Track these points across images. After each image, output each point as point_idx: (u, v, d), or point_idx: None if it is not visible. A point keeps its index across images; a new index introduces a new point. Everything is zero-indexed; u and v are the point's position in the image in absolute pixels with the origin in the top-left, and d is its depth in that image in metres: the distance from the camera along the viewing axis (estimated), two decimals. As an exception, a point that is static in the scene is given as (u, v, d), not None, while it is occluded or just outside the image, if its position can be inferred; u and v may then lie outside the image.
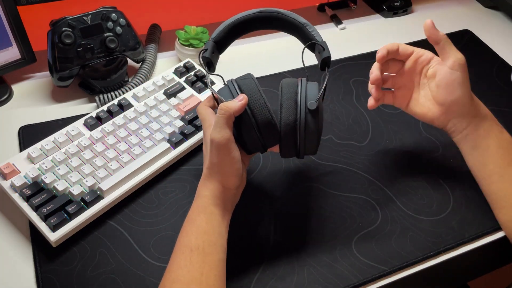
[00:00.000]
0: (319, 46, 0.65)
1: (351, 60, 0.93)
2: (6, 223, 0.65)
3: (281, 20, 0.67)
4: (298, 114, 0.59)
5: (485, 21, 1.08)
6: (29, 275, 0.60)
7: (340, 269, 0.62)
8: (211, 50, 0.64)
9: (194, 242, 0.55)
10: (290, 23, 0.67)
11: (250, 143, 0.60)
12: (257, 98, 0.58)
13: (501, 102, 0.87)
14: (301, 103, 0.59)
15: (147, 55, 0.87)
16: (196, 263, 0.54)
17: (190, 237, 0.56)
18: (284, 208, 0.68)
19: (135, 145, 0.70)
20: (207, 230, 0.56)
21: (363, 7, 1.10)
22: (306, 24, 0.67)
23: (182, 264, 0.54)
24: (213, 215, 0.57)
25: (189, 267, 0.53)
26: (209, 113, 0.61)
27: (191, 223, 0.57)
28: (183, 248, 0.55)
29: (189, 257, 0.54)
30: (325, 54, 0.64)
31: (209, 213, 0.57)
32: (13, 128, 0.77)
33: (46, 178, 0.65)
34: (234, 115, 0.57)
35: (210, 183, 0.59)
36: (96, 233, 0.64)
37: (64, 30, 0.76)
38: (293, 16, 0.67)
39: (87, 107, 0.81)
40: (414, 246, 0.65)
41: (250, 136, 0.59)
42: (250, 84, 0.60)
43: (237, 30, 0.67)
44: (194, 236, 0.56)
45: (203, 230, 0.56)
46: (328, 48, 0.64)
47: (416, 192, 0.71)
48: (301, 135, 0.59)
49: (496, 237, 0.67)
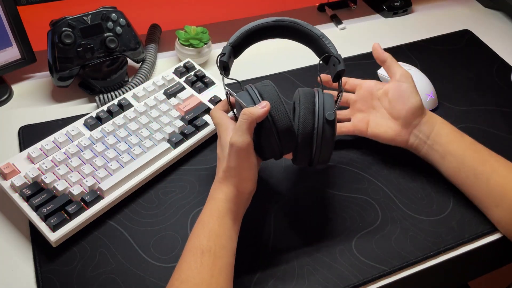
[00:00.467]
0: (335, 58, 0.67)
1: (351, 60, 0.93)
2: (6, 223, 0.65)
3: (298, 30, 0.69)
4: (316, 124, 0.60)
5: (485, 21, 1.08)
6: (29, 275, 0.61)
7: (340, 269, 0.62)
8: (228, 55, 0.66)
9: (206, 244, 0.55)
10: (306, 34, 0.69)
11: (268, 149, 0.60)
12: (279, 106, 0.59)
13: (501, 102, 0.87)
14: (319, 113, 0.60)
15: (147, 55, 0.87)
16: (206, 265, 0.54)
17: (201, 239, 0.56)
18: (284, 208, 0.68)
19: (135, 145, 0.70)
20: (219, 233, 0.56)
21: (363, 7, 1.10)
22: (322, 36, 0.68)
23: (192, 265, 0.54)
24: (226, 219, 0.57)
25: (199, 268, 0.53)
26: (225, 117, 0.62)
27: (204, 226, 0.57)
28: (194, 250, 0.55)
29: (200, 259, 0.54)
30: (340, 67, 0.65)
31: (222, 216, 0.57)
32: (13, 128, 0.77)
33: (46, 178, 0.65)
34: (256, 121, 0.58)
35: (225, 187, 0.59)
36: (96, 233, 0.64)
37: (64, 30, 0.76)
38: (309, 28, 0.69)
39: (87, 107, 0.81)
40: (414, 246, 0.65)
41: (269, 143, 0.59)
42: (271, 92, 0.60)
43: (253, 36, 0.69)
44: (206, 239, 0.55)
45: (215, 233, 0.56)
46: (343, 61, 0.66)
47: (416, 192, 0.71)
48: (318, 144, 0.60)
49: (496, 237, 0.67)
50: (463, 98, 0.87)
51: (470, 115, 0.84)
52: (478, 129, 0.81)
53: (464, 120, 0.82)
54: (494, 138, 0.80)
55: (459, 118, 0.83)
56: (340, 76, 0.66)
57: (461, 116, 0.83)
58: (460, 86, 0.89)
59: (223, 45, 0.90)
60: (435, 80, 0.87)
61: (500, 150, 0.68)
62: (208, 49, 0.89)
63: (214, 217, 0.57)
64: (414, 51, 0.96)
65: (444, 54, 0.96)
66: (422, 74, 0.86)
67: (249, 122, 0.57)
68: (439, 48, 0.98)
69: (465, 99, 0.87)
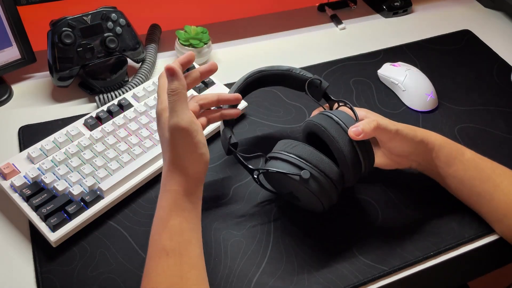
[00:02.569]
0: (315, 80, 0.68)
1: (351, 60, 0.93)
2: (6, 223, 0.65)
3: (267, 76, 0.71)
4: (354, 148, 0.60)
5: (485, 21, 1.08)
6: (29, 275, 0.60)
7: (340, 269, 0.62)
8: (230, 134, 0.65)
9: (169, 245, 0.53)
10: (275, 75, 0.71)
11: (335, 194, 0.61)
12: (324, 160, 0.60)
13: (501, 102, 0.87)
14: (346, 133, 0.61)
15: (147, 55, 0.87)
16: (174, 266, 0.52)
17: (163, 239, 0.53)
18: (284, 208, 0.68)
19: (135, 145, 0.70)
20: (181, 229, 0.54)
21: (363, 7, 1.10)
22: (290, 69, 0.70)
23: (159, 270, 0.52)
24: (186, 211, 0.55)
25: (167, 272, 0.51)
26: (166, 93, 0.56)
27: (163, 224, 0.54)
28: (158, 253, 0.53)
29: (165, 261, 0.52)
30: (324, 84, 0.67)
31: (181, 209, 0.54)
32: (13, 128, 0.77)
33: (46, 178, 0.65)
34: (183, 93, 0.54)
35: (177, 175, 0.55)
36: (96, 233, 0.64)
37: (64, 30, 0.76)
38: (276, 68, 0.71)
39: (87, 107, 0.81)
40: (414, 246, 0.65)
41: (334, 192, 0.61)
42: (309, 150, 0.60)
43: (247, 90, 0.71)
44: (168, 238, 0.53)
45: (177, 230, 0.54)
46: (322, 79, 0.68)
47: (416, 192, 0.71)
48: (365, 163, 0.61)
49: (496, 237, 0.67)
50: (463, 98, 0.87)
51: (470, 115, 0.84)
52: (478, 129, 0.81)
53: (464, 120, 0.82)
54: (494, 138, 0.80)
55: (459, 118, 0.83)
56: (327, 93, 0.68)
57: (461, 116, 0.83)
58: (460, 86, 0.89)
59: (223, 45, 0.90)
60: (435, 80, 0.87)
61: (500, 150, 0.68)
62: (208, 49, 0.89)
63: (172, 213, 0.54)
64: (414, 51, 0.96)
65: (444, 54, 0.96)
66: (422, 74, 0.86)
67: (178, 99, 0.53)
68: (439, 48, 0.98)
69: (465, 99, 0.87)
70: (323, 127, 0.61)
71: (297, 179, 0.58)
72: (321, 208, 0.62)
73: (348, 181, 0.62)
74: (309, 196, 0.60)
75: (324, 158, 0.60)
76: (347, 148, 0.59)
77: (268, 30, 1.00)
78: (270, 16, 1.05)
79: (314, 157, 0.59)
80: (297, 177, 0.58)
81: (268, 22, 1.03)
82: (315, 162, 0.59)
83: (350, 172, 0.60)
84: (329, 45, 0.98)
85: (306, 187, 0.59)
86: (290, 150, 0.60)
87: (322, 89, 0.68)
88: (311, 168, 0.58)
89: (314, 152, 0.60)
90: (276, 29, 1.00)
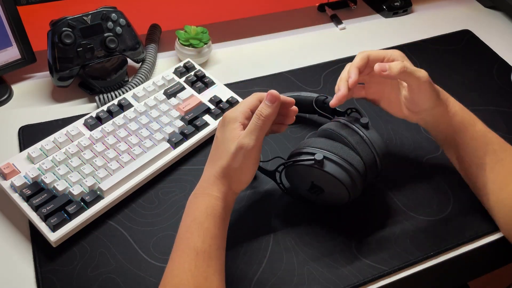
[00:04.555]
0: (321, 97, 0.73)
1: (351, 60, 0.93)
2: (6, 223, 0.65)
3: None
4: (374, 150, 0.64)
5: (485, 21, 1.08)
6: (29, 275, 0.60)
7: (340, 269, 0.62)
8: None
9: (201, 246, 0.53)
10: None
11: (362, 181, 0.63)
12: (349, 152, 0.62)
13: (501, 102, 0.87)
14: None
15: (147, 55, 0.87)
16: (201, 267, 0.52)
17: (196, 239, 0.54)
18: (284, 208, 0.68)
19: (135, 145, 0.70)
20: (216, 234, 0.55)
21: (363, 7, 1.10)
22: (299, 94, 0.76)
23: (186, 267, 0.52)
24: (221, 219, 0.56)
25: (194, 271, 0.52)
26: (240, 112, 0.59)
27: (198, 225, 0.55)
28: (187, 250, 0.53)
29: (194, 260, 0.53)
30: (330, 99, 0.66)
31: (218, 216, 0.56)
32: (13, 128, 0.77)
33: (46, 178, 0.65)
34: (269, 121, 0.57)
35: (222, 185, 0.57)
36: (96, 233, 0.64)
37: (64, 30, 0.76)
38: (287, 95, 0.74)
39: (87, 107, 0.81)
40: (414, 246, 0.65)
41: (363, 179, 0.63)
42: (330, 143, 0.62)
43: None
44: (201, 239, 0.54)
45: (212, 234, 0.55)
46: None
47: (416, 192, 0.71)
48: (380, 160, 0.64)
49: (496, 237, 0.67)
50: (463, 98, 0.86)
51: (470, 115, 0.84)
52: (478, 129, 0.81)
53: (464, 120, 0.82)
54: (494, 138, 0.80)
55: (459, 118, 0.83)
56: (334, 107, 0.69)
57: (461, 116, 0.83)
58: (460, 86, 0.89)
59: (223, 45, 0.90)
60: (435, 80, 0.86)
61: (500, 150, 0.68)
62: (208, 49, 0.89)
63: (209, 217, 0.55)
64: (414, 51, 0.96)
65: (444, 54, 0.96)
66: (422, 74, 0.86)
67: (262, 125, 0.56)
68: (439, 48, 0.98)
69: (465, 99, 0.86)
70: (339, 133, 0.64)
71: (312, 163, 0.60)
72: (347, 196, 0.62)
73: (371, 172, 0.64)
74: (333, 183, 0.61)
75: (346, 148, 0.62)
76: (365, 148, 0.63)
77: (268, 30, 1.00)
78: (270, 16, 1.05)
79: (335, 146, 0.61)
80: (311, 161, 0.59)
81: (268, 22, 1.03)
82: (336, 151, 0.61)
83: (374, 162, 0.63)
84: (329, 45, 0.98)
85: (325, 172, 0.60)
86: (310, 144, 0.63)
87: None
88: (331, 154, 0.61)
89: (335, 144, 0.62)
90: (276, 29, 1.00)
